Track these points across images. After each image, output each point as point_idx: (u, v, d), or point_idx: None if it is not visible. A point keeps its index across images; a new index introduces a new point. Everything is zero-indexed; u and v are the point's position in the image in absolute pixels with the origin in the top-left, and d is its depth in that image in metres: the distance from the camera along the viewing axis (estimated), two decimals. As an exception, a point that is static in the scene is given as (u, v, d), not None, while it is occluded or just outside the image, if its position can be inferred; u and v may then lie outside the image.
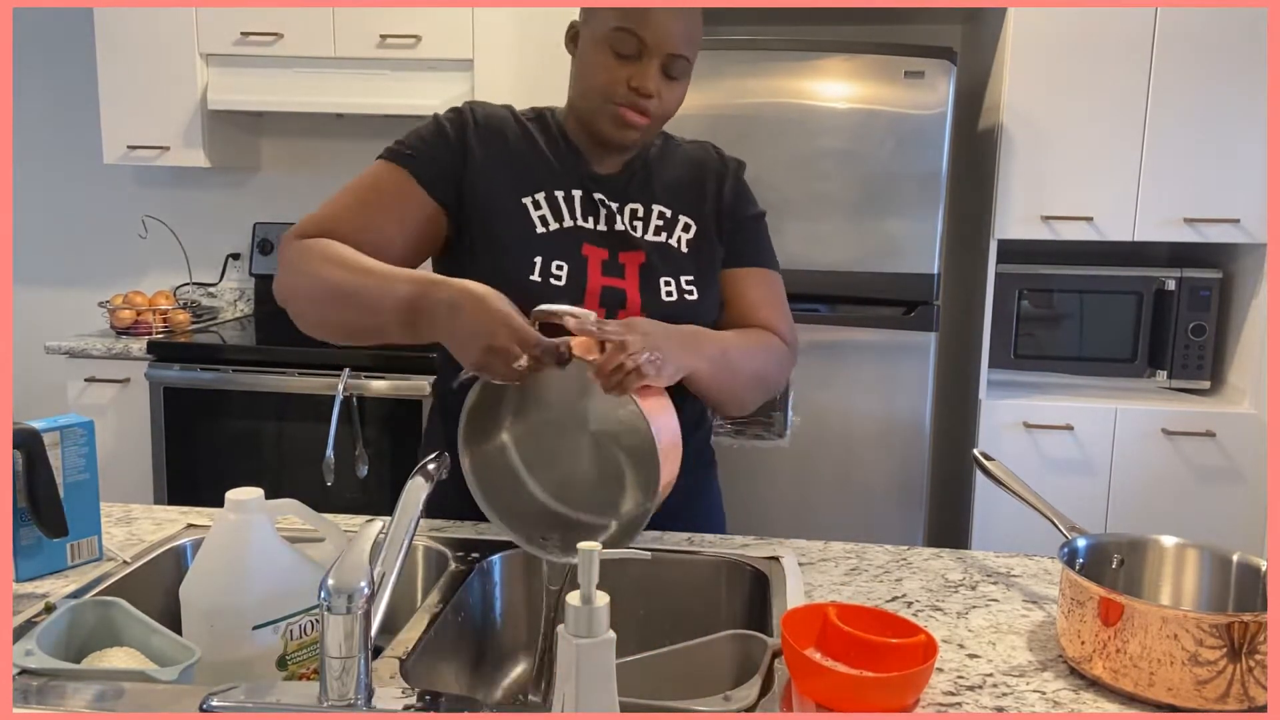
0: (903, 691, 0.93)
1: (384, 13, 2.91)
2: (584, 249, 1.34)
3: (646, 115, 1.29)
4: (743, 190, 1.46)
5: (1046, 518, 1.21)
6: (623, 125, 1.30)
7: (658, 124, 1.33)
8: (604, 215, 1.37)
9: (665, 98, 1.30)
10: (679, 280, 1.36)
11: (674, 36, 1.26)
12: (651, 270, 1.35)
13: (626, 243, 1.36)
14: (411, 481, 1.02)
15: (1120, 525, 2.68)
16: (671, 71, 1.28)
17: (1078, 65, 2.62)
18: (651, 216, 1.38)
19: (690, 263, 1.38)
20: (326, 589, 0.85)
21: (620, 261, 1.35)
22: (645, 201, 1.39)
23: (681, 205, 1.41)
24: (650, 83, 1.27)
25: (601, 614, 0.79)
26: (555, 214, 1.34)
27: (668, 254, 1.37)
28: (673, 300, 1.34)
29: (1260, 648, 0.93)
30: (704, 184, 1.43)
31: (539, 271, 1.31)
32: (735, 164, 1.47)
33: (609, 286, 1.33)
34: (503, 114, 1.40)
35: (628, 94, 1.27)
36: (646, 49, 1.26)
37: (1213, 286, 2.76)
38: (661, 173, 1.42)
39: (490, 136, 1.35)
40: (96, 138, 3.16)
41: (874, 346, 2.57)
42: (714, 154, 1.47)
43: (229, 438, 2.84)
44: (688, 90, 1.34)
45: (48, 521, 1.17)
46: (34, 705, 0.92)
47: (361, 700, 0.88)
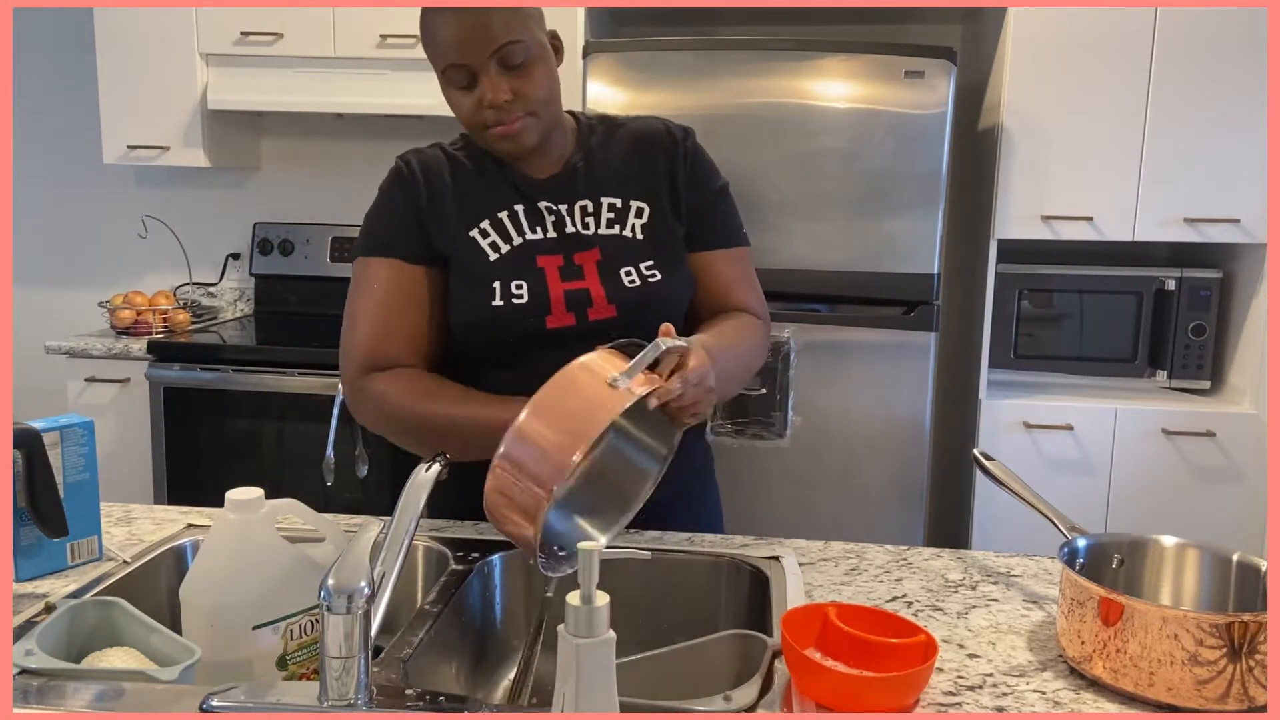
0: (903, 691, 0.93)
1: (384, 13, 2.91)
2: (538, 261, 1.34)
3: (518, 118, 1.27)
4: (698, 163, 1.43)
5: (1046, 518, 1.21)
6: (507, 139, 1.29)
7: (544, 110, 1.30)
8: (551, 221, 1.36)
9: (525, 89, 1.26)
10: (639, 267, 1.36)
11: (484, 38, 1.23)
12: (609, 264, 1.35)
13: (580, 243, 1.36)
14: (411, 481, 1.02)
15: (1120, 525, 2.68)
16: (511, 62, 1.25)
17: (1078, 65, 2.62)
18: (601, 210, 1.38)
19: (647, 248, 1.37)
20: (326, 589, 0.85)
21: (577, 263, 1.35)
22: (593, 195, 1.38)
23: (631, 190, 1.39)
24: (498, 93, 1.25)
25: (601, 614, 0.79)
26: (503, 236, 1.35)
27: (622, 244, 1.37)
28: (636, 285, 1.35)
29: (1260, 648, 0.93)
30: (654, 163, 1.40)
31: (500, 295, 1.32)
32: (683, 134, 1.43)
33: (570, 290, 1.34)
34: (434, 155, 1.40)
35: (489, 112, 1.27)
36: (473, 67, 1.25)
37: (1213, 286, 2.76)
38: (605, 161, 1.40)
39: (429, 185, 1.36)
40: (96, 138, 3.16)
41: (874, 346, 2.57)
42: (660, 128, 1.43)
43: (229, 438, 2.84)
44: (553, 66, 1.30)
45: (48, 521, 1.17)
46: (34, 705, 0.92)
47: (361, 700, 0.88)
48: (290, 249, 3.34)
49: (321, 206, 3.42)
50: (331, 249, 3.32)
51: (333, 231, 3.33)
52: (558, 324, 1.33)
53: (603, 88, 2.54)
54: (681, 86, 2.54)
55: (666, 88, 2.52)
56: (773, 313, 2.53)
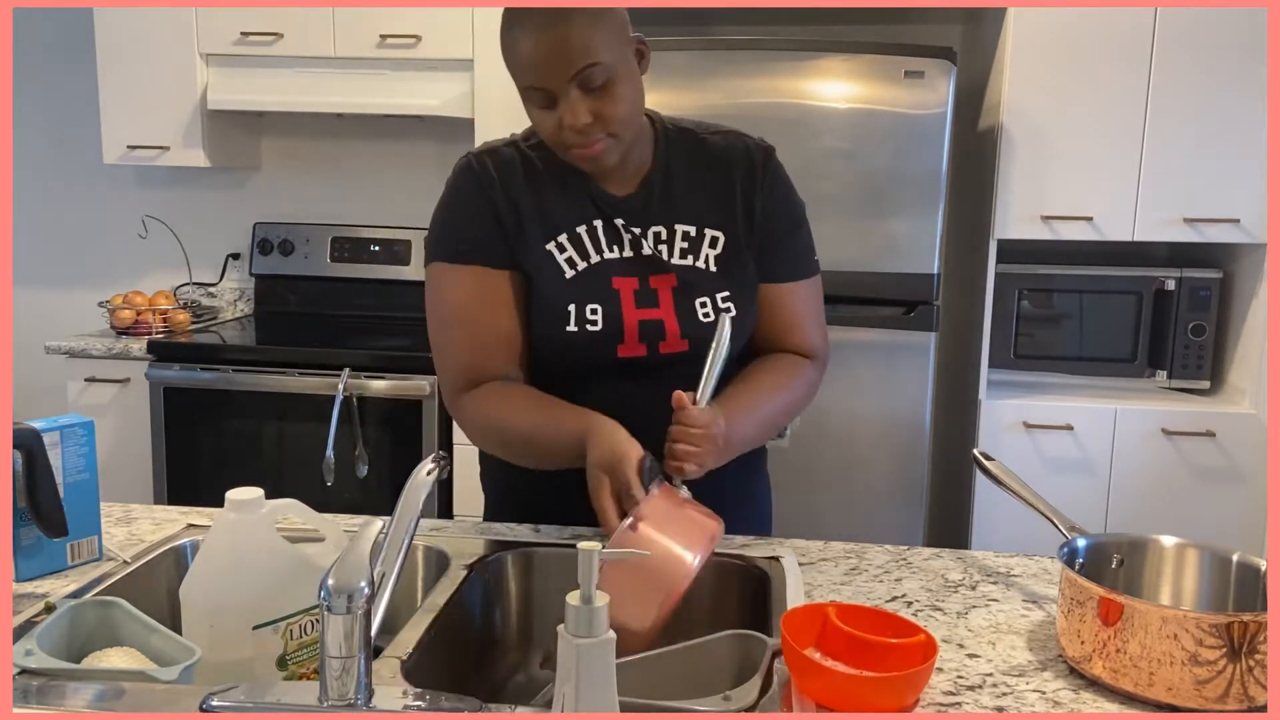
0: (903, 691, 0.93)
1: (384, 13, 2.91)
2: (614, 282, 1.31)
3: (599, 140, 1.23)
4: (776, 189, 1.38)
5: (1046, 518, 1.21)
6: (590, 161, 1.25)
7: (625, 130, 1.25)
8: (628, 241, 1.33)
9: (606, 111, 1.21)
10: (714, 299, 1.33)
11: (565, 60, 1.17)
12: (684, 292, 1.32)
13: (655, 266, 1.32)
14: (411, 481, 1.02)
15: (1120, 525, 2.68)
16: (592, 85, 1.19)
17: (1078, 65, 2.62)
18: (675, 238, 1.33)
19: (722, 279, 1.34)
20: (326, 589, 0.85)
21: (652, 287, 1.32)
22: (667, 222, 1.34)
23: (707, 219, 1.35)
24: (578, 115, 1.20)
25: (601, 614, 0.79)
26: (580, 252, 1.31)
27: (697, 275, 1.33)
28: (709, 322, 1.31)
29: (1260, 648, 0.93)
30: (731, 189, 1.35)
31: (574, 320, 1.29)
32: (764, 157, 1.37)
33: (645, 320, 1.31)
34: (510, 156, 1.34)
35: (570, 135, 1.22)
36: (552, 90, 1.20)
37: (1213, 286, 2.76)
38: (682, 184, 1.35)
39: (505, 190, 1.31)
40: (96, 138, 3.16)
41: (874, 346, 2.57)
42: (740, 150, 1.37)
43: (229, 438, 2.84)
44: (637, 81, 1.26)
45: (48, 521, 1.17)
46: (34, 705, 0.92)
47: (361, 700, 0.88)
48: (290, 249, 3.34)
49: (321, 206, 3.41)
50: (331, 249, 3.32)
51: (333, 231, 3.33)
52: (629, 354, 1.31)
53: (603, 88, 2.54)
54: (681, 86, 2.54)
55: (666, 88, 2.52)
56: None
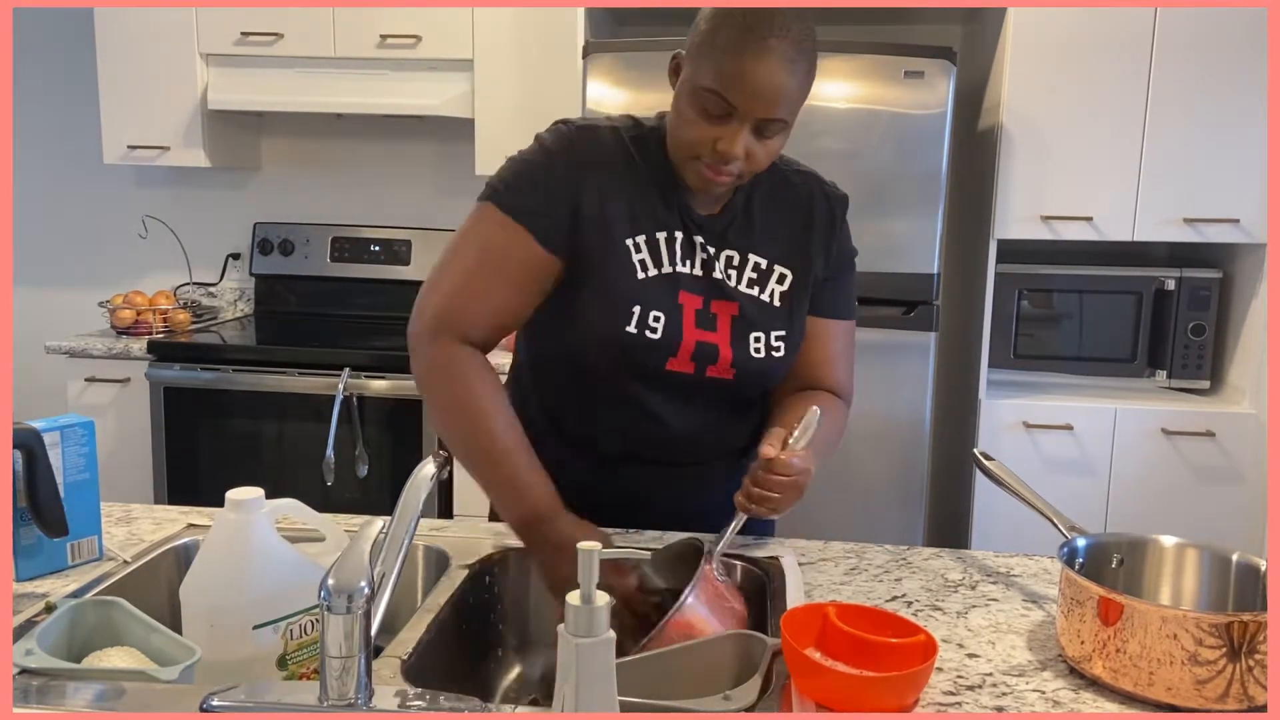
0: (903, 691, 0.93)
1: (384, 13, 2.91)
2: (680, 296, 1.31)
3: (730, 174, 1.23)
4: (843, 236, 1.41)
5: (1046, 517, 1.21)
6: (705, 182, 1.25)
7: (750, 176, 1.27)
8: (701, 260, 1.32)
9: (756, 156, 1.22)
10: (769, 336, 1.33)
11: (769, 102, 1.18)
12: (744, 323, 1.32)
13: (721, 291, 1.32)
14: (411, 481, 1.02)
15: (1120, 525, 2.68)
16: (765, 133, 1.21)
17: (1078, 65, 2.62)
18: (746, 267, 1.34)
19: (783, 318, 1.35)
20: (326, 589, 0.85)
21: (713, 311, 1.32)
22: (742, 250, 1.34)
23: (779, 255, 1.35)
24: (737, 148, 1.20)
25: (601, 614, 0.79)
26: (655, 258, 1.30)
27: (760, 307, 1.34)
28: (760, 358, 1.32)
29: (1260, 648, 0.93)
30: (810, 233, 1.37)
31: (636, 323, 1.28)
32: (841, 206, 1.40)
33: (702, 342, 1.31)
34: (607, 141, 1.32)
35: (713, 154, 1.21)
36: (737, 113, 1.19)
37: (1212, 286, 2.76)
38: (763, 216, 1.36)
39: (598, 171, 1.29)
40: (96, 138, 3.16)
41: (874, 346, 2.57)
42: (820, 195, 1.39)
43: (229, 438, 2.84)
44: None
45: (48, 521, 1.17)
46: (34, 705, 0.92)
47: (361, 700, 0.88)
48: (290, 249, 3.34)
49: (321, 206, 3.41)
50: (331, 249, 3.32)
51: (333, 231, 3.33)
52: (676, 368, 1.31)
53: (603, 88, 2.54)
54: (681, 86, 2.53)
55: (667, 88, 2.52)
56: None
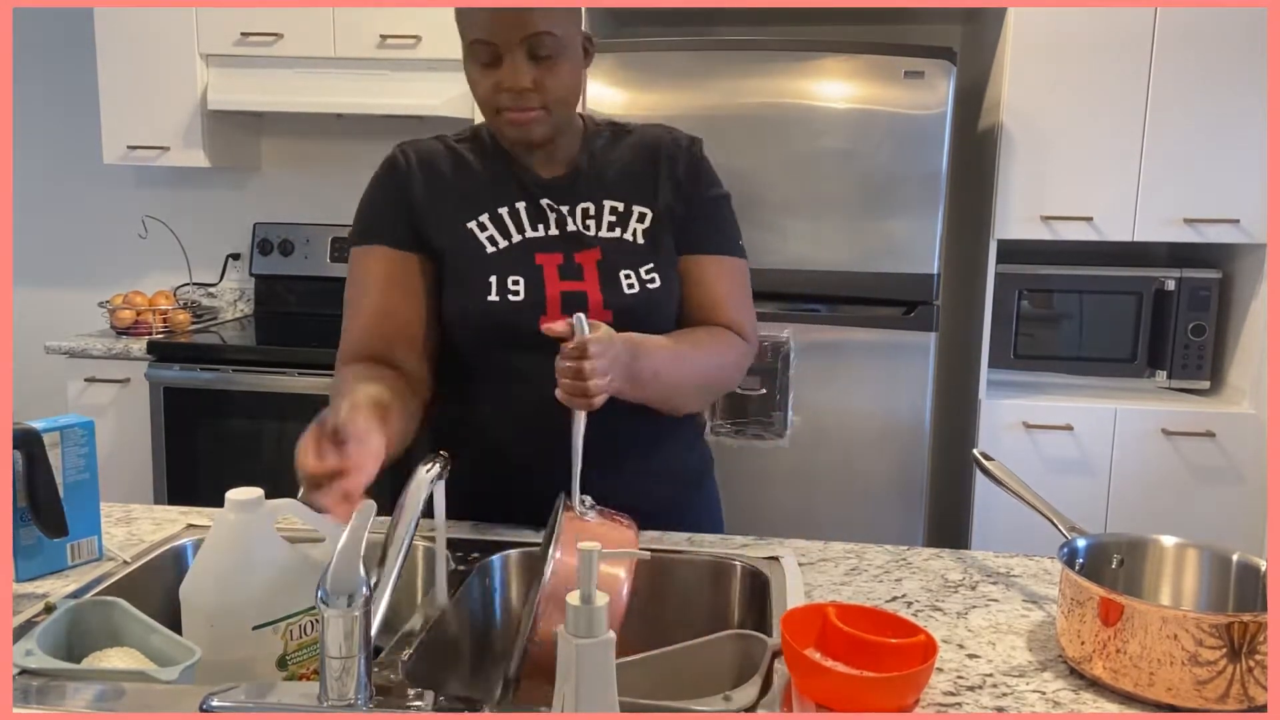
0: (903, 691, 0.93)
1: (384, 13, 2.91)
2: (537, 258, 1.34)
3: (532, 108, 1.26)
4: (699, 169, 1.42)
5: (1046, 518, 1.21)
6: (517, 128, 1.28)
7: (559, 109, 1.29)
8: (554, 219, 1.36)
9: (547, 83, 1.25)
10: (638, 271, 1.35)
11: (521, 22, 1.22)
12: (609, 265, 1.35)
13: (580, 243, 1.36)
14: (412, 481, 1.02)
15: (1120, 525, 2.68)
16: (539, 53, 1.24)
17: (1078, 65, 2.62)
18: (604, 213, 1.37)
19: (648, 252, 1.37)
20: (326, 589, 0.85)
21: (577, 262, 1.34)
22: (596, 199, 1.38)
23: (635, 195, 1.39)
24: (520, 78, 1.24)
25: (601, 614, 0.79)
26: (503, 231, 1.35)
27: (623, 248, 1.36)
28: (634, 291, 1.34)
29: (1260, 648, 0.93)
30: (657, 168, 1.40)
31: (495, 290, 1.32)
32: (689, 141, 1.43)
33: (568, 291, 1.33)
34: (434, 147, 1.39)
35: (506, 97, 1.26)
36: (501, 48, 1.23)
37: (1212, 286, 2.76)
38: (611, 165, 1.40)
39: (425, 174, 1.36)
40: (96, 138, 3.16)
41: (874, 346, 2.57)
42: (667, 136, 1.43)
43: (229, 438, 2.84)
44: (580, 67, 1.29)
45: (48, 521, 1.17)
46: (34, 705, 0.92)
47: (361, 700, 0.88)
48: (290, 249, 3.34)
49: (321, 206, 3.42)
50: (331, 249, 3.32)
51: (333, 231, 3.33)
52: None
53: (603, 88, 2.54)
54: (681, 87, 2.54)
55: (666, 88, 2.52)
56: (772, 313, 2.56)
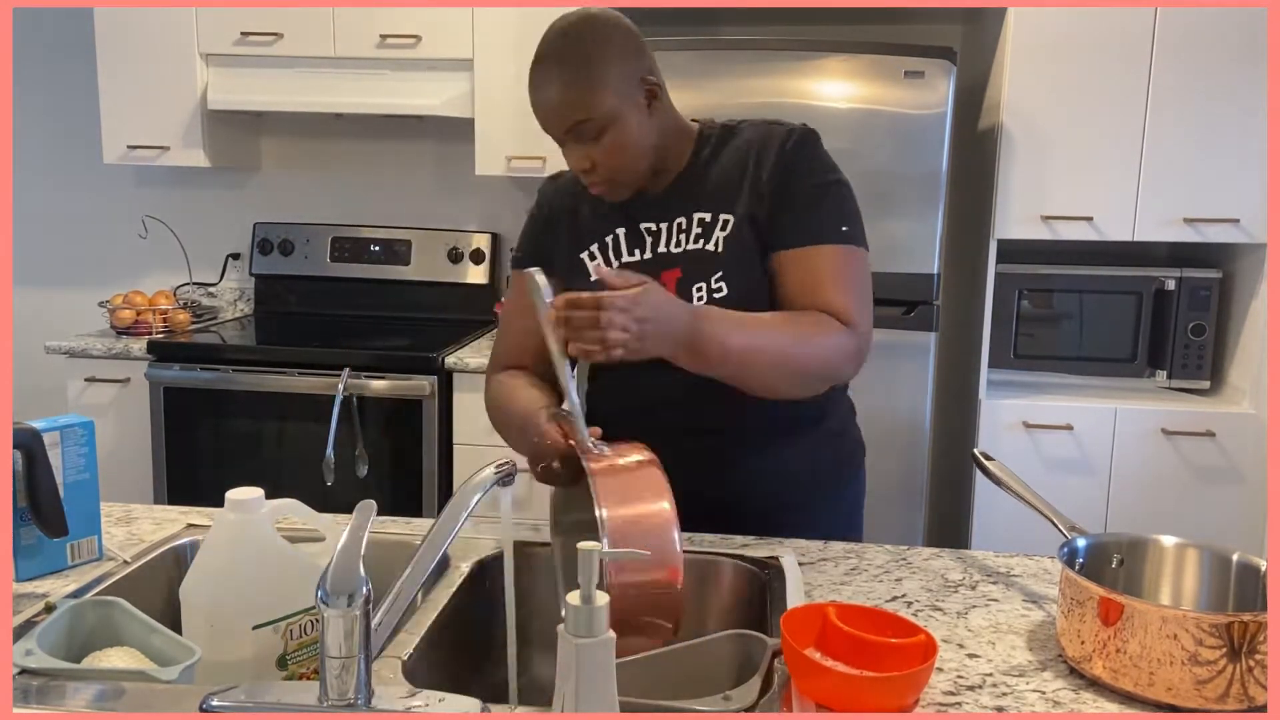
0: (903, 691, 0.93)
1: (384, 13, 2.91)
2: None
3: (597, 182, 1.37)
4: (791, 163, 1.38)
5: (1046, 518, 1.21)
6: (599, 194, 1.40)
7: (625, 175, 1.36)
8: (649, 243, 1.42)
9: (599, 159, 1.34)
10: (709, 282, 1.37)
11: (556, 119, 1.32)
12: (686, 281, 1.38)
13: (666, 262, 1.40)
14: (465, 484, 1.02)
15: (1120, 525, 2.68)
16: (584, 138, 1.32)
17: (1078, 65, 2.62)
18: (692, 225, 1.40)
19: (721, 260, 1.38)
20: (326, 589, 0.85)
21: (662, 281, 1.35)
22: (687, 211, 1.41)
23: (723, 203, 1.40)
24: (577, 162, 1.36)
25: (601, 614, 0.79)
26: (605, 260, 1.44)
27: (703, 258, 1.39)
28: (703, 304, 1.36)
29: (1260, 648, 0.93)
30: (744, 174, 1.39)
31: None
32: (787, 135, 1.39)
33: None
34: (567, 181, 1.50)
35: (580, 174, 1.38)
36: (557, 138, 1.36)
37: (1212, 286, 2.76)
38: (708, 175, 1.42)
39: (561, 206, 1.49)
40: (96, 138, 3.16)
41: (874, 346, 2.56)
42: (766, 134, 1.41)
43: (229, 438, 2.84)
44: (643, 123, 1.35)
45: (48, 521, 1.17)
46: (34, 705, 0.92)
47: (361, 700, 0.88)
48: (290, 249, 3.34)
49: (321, 206, 3.41)
50: (331, 249, 3.32)
51: (333, 231, 3.33)
52: None
53: (603, 88, 2.54)
54: (681, 86, 2.52)
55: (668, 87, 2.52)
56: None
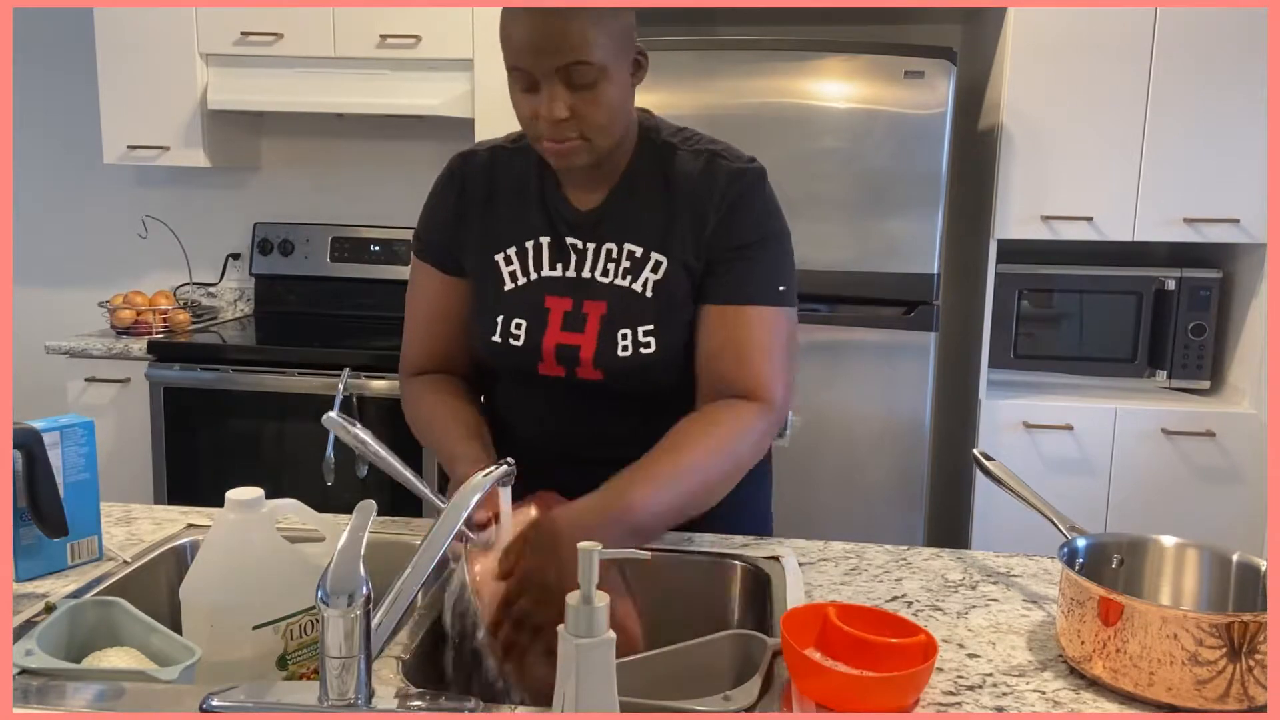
0: (903, 691, 0.93)
1: (384, 13, 2.91)
2: (547, 301, 1.32)
3: (571, 139, 1.20)
4: (734, 213, 1.28)
5: (1046, 518, 1.21)
6: (556, 156, 1.23)
7: (599, 136, 1.22)
8: (574, 261, 1.32)
9: (585, 112, 1.18)
10: (636, 331, 1.28)
11: (556, 51, 1.14)
12: (611, 321, 1.29)
13: (591, 290, 1.30)
14: (467, 484, 1.01)
15: (1120, 525, 2.68)
16: (576, 82, 1.17)
17: (1078, 65, 2.62)
18: (622, 257, 1.30)
19: (652, 309, 1.28)
20: (326, 589, 0.85)
21: (584, 312, 1.31)
22: (618, 240, 1.30)
23: (655, 241, 1.29)
24: (555, 109, 1.17)
25: (601, 614, 0.79)
26: (524, 268, 1.34)
27: (630, 301, 1.29)
28: (627, 355, 1.28)
29: (1260, 648, 0.93)
30: (684, 212, 1.28)
31: (499, 332, 1.33)
32: (730, 179, 1.29)
33: (562, 344, 1.31)
34: (483, 163, 1.37)
35: (543, 126, 1.19)
36: (538, 77, 1.17)
37: (1213, 286, 2.76)
38: (643, 203, 1.30)
39: (475, 194, 1.36)
40: (96, 138, 3.16)
41: (874, 346, 2.57)
42: (712, 170, 1.30)
43: (229, 438, 2.84)
44: (627, 90, 1.24)
45: (48, 521, 1.17)
46: (34, 705, 0.92)
47: (361, 700, 0.88)
48: (290, 249, 3.34)
49: (321, 206, 3.41)
50: (331, 249, 3.32)
51: (333, 231, 3.33)
52: (548, 372, 1.33)
53: (603, 88, 2.54)
54: (681, 86, 2.54)
55: (666, 88, 2.52)
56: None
